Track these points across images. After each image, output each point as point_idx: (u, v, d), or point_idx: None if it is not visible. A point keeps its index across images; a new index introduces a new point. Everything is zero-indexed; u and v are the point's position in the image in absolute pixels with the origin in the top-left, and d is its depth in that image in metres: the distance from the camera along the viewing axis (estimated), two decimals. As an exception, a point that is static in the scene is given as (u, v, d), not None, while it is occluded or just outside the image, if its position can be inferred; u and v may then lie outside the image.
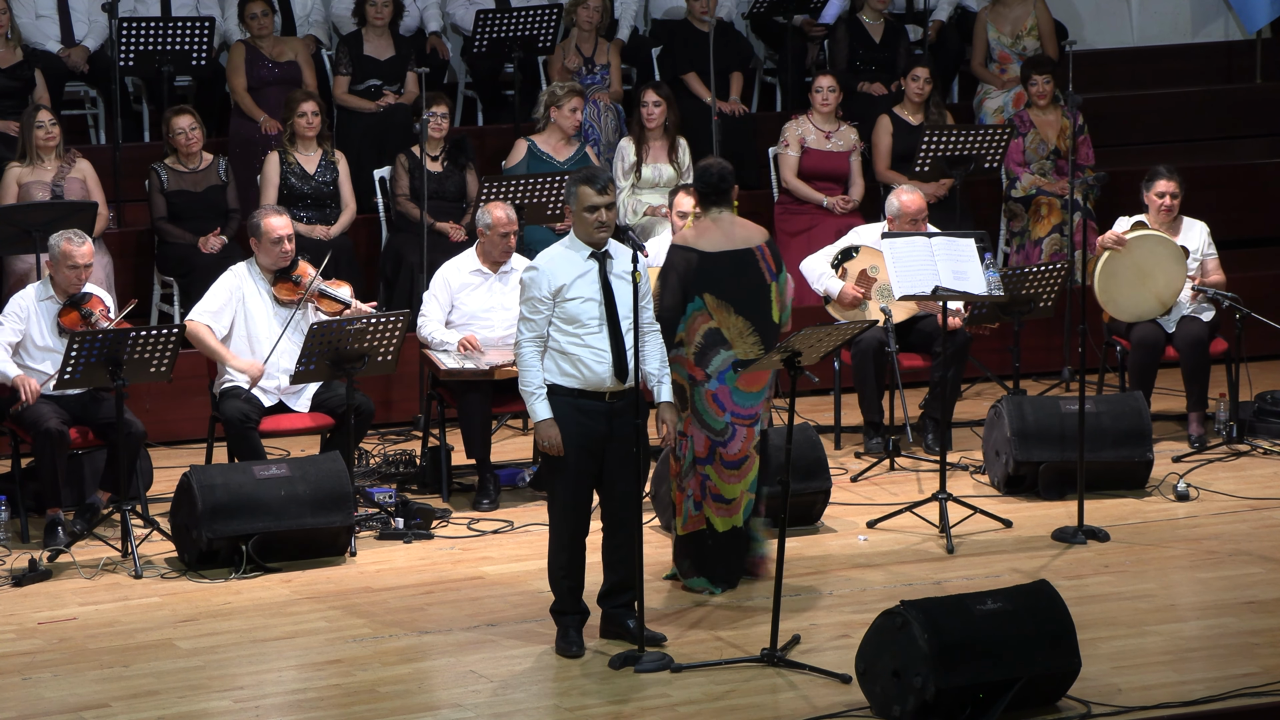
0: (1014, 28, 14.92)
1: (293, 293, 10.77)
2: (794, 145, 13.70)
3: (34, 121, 12.35)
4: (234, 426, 10.50)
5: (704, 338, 9.21)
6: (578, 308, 8.54)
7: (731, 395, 9.25)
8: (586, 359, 8.55)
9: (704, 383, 9.24)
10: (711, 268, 9.21)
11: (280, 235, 10.69)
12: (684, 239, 9.36)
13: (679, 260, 9.25)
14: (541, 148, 13.22)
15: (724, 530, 9.35)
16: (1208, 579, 9.71)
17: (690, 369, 9.23)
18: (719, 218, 9.32)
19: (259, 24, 13.66)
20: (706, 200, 9.36)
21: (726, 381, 9.24)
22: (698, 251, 9.24)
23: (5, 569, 9.96)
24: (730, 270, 9.24)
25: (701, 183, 9.37)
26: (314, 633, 9.09)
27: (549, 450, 8.57)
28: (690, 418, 9.27)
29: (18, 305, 10.50)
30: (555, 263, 8.60)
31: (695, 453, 9.29)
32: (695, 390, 9.25)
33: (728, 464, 9.29)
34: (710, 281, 9.21)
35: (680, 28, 14.68)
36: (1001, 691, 7.82)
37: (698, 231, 9.35)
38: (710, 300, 9.20)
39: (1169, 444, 11.93)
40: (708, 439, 9.27)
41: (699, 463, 9.30)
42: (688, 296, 9.20)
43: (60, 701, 8.26)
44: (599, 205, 8.55)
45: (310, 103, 12.76)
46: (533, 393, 8.58)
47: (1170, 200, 12.00)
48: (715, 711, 8.07)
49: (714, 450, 9.27)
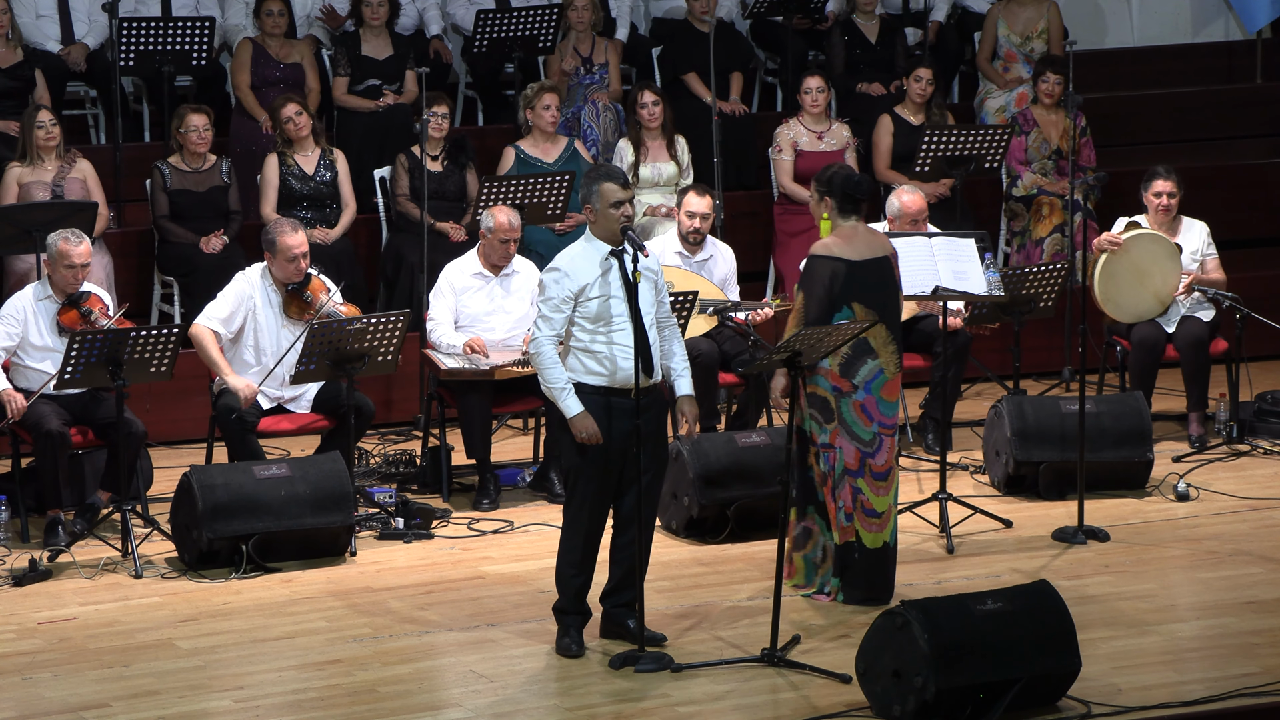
0: (1025, 28, 14.93)
1: (303, 312, 10.69)
2: (787, 149, 13.69)
3: (34, 121, 12.35)
4: (229, 427, 10.48)
5: (851, 348, 9.07)
6: (601, 306, 8.51)
7: (878, 405, 9.14)
8: (615, 356, 8.53)
9: (851, 394, 9.10)
10: (858, 276, 9.05)
11: (296, 254, 10.63)
12: (826, 248, 9.10)
13: (824, 270, 9.04)
14: (529, 151, 13.21)
15: (873, 547, 9.22)
16: (1208, 579, 9.71)
17: (835, 380, 9.08)
18: (856, 226, 9.16)
19: (273, 22, 13.66)
20: (846, 208, 9.14)
21: (873, 391, 9.12)
22: (845, 261, 9.06)
23: (5, 569, 9.96)
24: (875, 278, 9.11)
25: (847, 190, 9.14)
26: (314, 633, 9.09)
27: (588, 440, 8.49)
28: (838, 429, 9.13)
29: (13, 309, 10.49)
30: (576, 263, 8.57)
31: (846, 464, 9.14)
32: (842, 401, 9.11)
33: (876, 475, 9.17)
34: (858, 290, 9.05)
35: (680, 28, 14.69)
36: (1002, 691, 7.82)
37: (840, 240, 9.12)
38: (859, 310, 9.05)
39: (1169, 444, 11.93)
40: (858, 450, 9.14)
41: (850, 474, 9.16)
42: (835, 307, 9.04)
43: (60, 701, 8.27)
44: (623, 200, 8.55)
45: (292, 105, 12.74)
46: (561, 389, 8.52)
47: (1168, 199, 12.01)
48: (715, 711, 8.08)
49: (864, 462, 9.15)
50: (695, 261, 11.78)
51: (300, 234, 10.69)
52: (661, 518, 10.43)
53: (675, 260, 11.74)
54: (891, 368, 9.16)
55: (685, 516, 10.37)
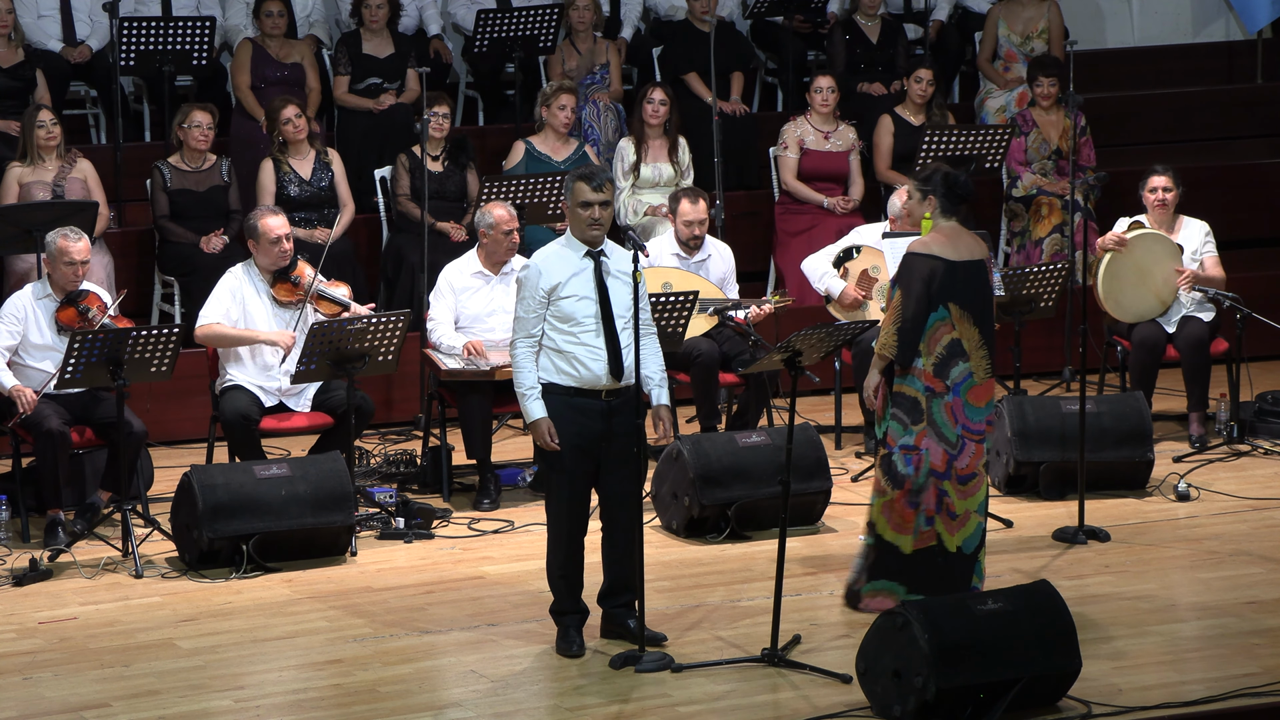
0: (1025, 28, 14.93)
1: (291, 294, 10.77)
2: (793, 147, 13.70)
3: (35, 121, 12.35)
4: (234, 426, 10.51)
5: (946, 349, 8.98)
6: (573, 306, 8.53)
7: (964, 408, 9.03)
8: (583, 357, 8.53)
9: (943, 395, 9.00)
10: (956, 276, 8.97)
11: (278, 235, 10.69)
12: (925, 246, 9.01)
13: (923, 267, 8.95)
14: (539, 148, 13.23)
15: (951, 550, 9.09)
16: (1208, 579, 9.71)
17: (929, 380, 8.97)
18: (956, 226, 9.08)
19: (273, 23, 13.67)
20: (949, 208, 9.07)
21: (961, 394, 9.01)
22: (944, 260, 8.97)
23: (6, 569, 9.96)
24: (972, 280, 9.03)
25: (951, 190, 9.05)
26: (314, 632, 9.09)
27: (545, 446, 8.55)
28: (926, 430, 9.01)
29: (14, 307, 10.50)
30: (550, 260, 8.59)
31: (932, 465, 9.02)
32: (934, 402, 9.00)
33: (961, 479, 9.05)
34: (955, 290, 8.97)
35: (680, 28, 14.69)
36: (1002, 692, 7.82)
37: (940, 238, 9.03)
38: (955, 310, 8.96)
39: (1170, 444, 11.94)
40: (945, 452, 9.02)
41: (935, 475, 9.04)
42: (931, 306, 8.95)
43: (61, 701, 8.27)
44: (593, 202, 8.54)
45: (291, 107, 12.74)
46: (525, 393, 8.56)
47: (1163, 194, 12.01)
48: (715, 711, 8.07)
49: (950, 464, 9.03)
50: (693, 262, 11.78)
51: (280, 217, 10.76)
52: (662, 518, 10.43)
53: (673, 261, 11.75)
54: (981, 372, 9.04)
55: (685, 516, 10.37)
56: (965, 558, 9.11)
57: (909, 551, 9.09)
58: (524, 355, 8.57)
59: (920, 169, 9.35)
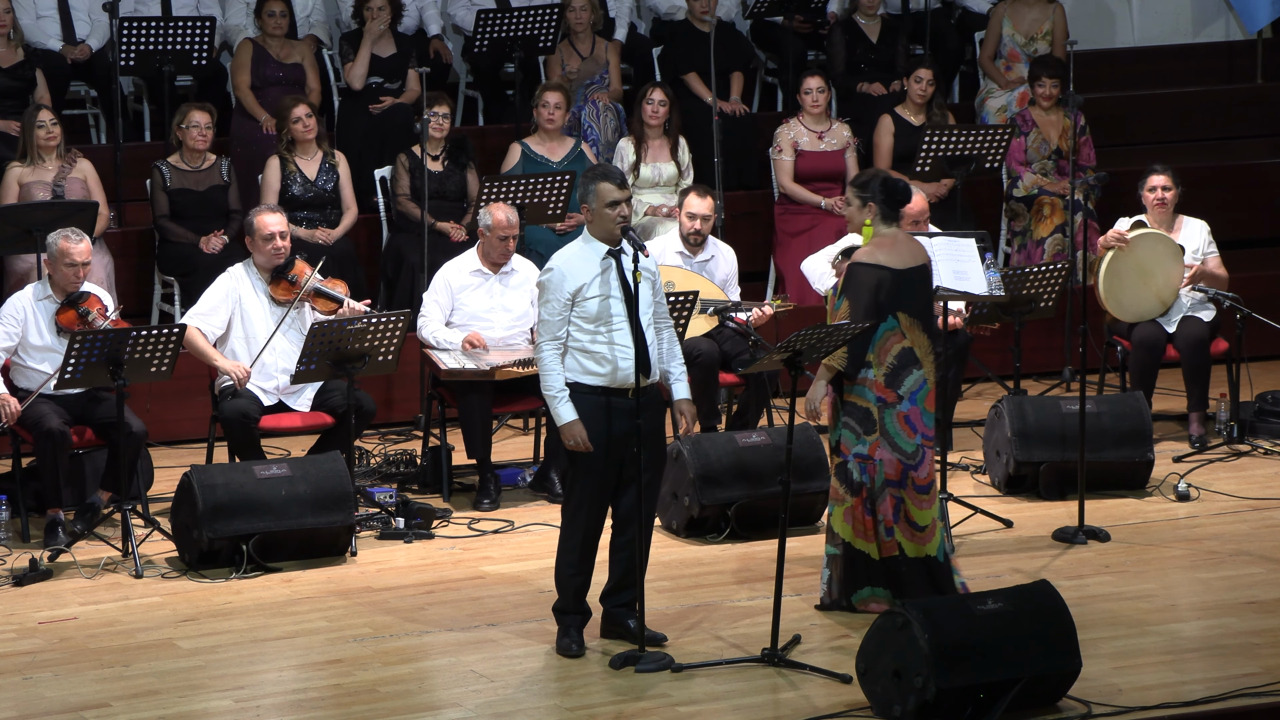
0: (1030, 28, 14.93)
1: (289, 292, 10.77)
2: (787, 149, 13.70)
3: (35, 121, 12.35)
4: (234, 426, 10.50)
5: (896, 358, 8.95)
6: (598, 306, 8.50)
7: (921, 417, 9.01)
8: (610, 356, 8.51)
9: (896, 404, 8.95)
10: (904, 285, 8.93)
11: (273, 232, 10.69)
12: (870, 255, 8.94)
13: (869, 278, 8.89)
14: (535, 149, 13.24)
15: (915, 556, 9.06)
16: (1208, 579, 9.71)
17: (880, 391, 8.94)
18: (897, 233, 9.03)
19: (275, 23, 13.66)
20: (889, 215, 8.99)
21: (917, 402, 8.98)
22: (890, 270, 8.92)
23: (6, 569, 9.96)
24: (919, 287, 9.00)
25: (890, 195, 8.98)
26: (314, 632, 9.09)
27: (577, 448, 8.50)
28: (879, 440, 8.98)
29: (12, 309, 10.49)
30: (572, 263, 8.56)
31: (886, 475, 8.99)
32: (886, 413, 8.96)
33: (919, 488, 9.03)
34: (903, 299, 8.92)
35: (680, 28, 14.69)
36: (1002, 691, 7.82)
37: (883, 247, 8.97)
38: (904, 319, 8.94)
39: (1170, 444, 11.93)
40: (899, 462, 8.98)
41: (891, 485, 9.01)
42: (880, 316, 8.90)
43: (61, 701, 8.26)
44: (619, 200, 8.53)
45: (302, 107, 12.75)
46: (555, 395, 8.51)
47: (1163, 193, 12.01)
48: (716, 711, 8.07)
49: (906, 474, 9.00)
50: (696, 262, 11.79)
51: (278, 214, 10.77)
52: (661, 518, 10.43)
53: (676, 260, 11.74)
54: (933, 378, 9.06)
55: (685, 516, 10.37)
56: (941, 565, 9.09)
57: (878, 559, 9.08)
58: (551, 358, 8.54)
59: (858, 175, 9.30)
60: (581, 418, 8.49)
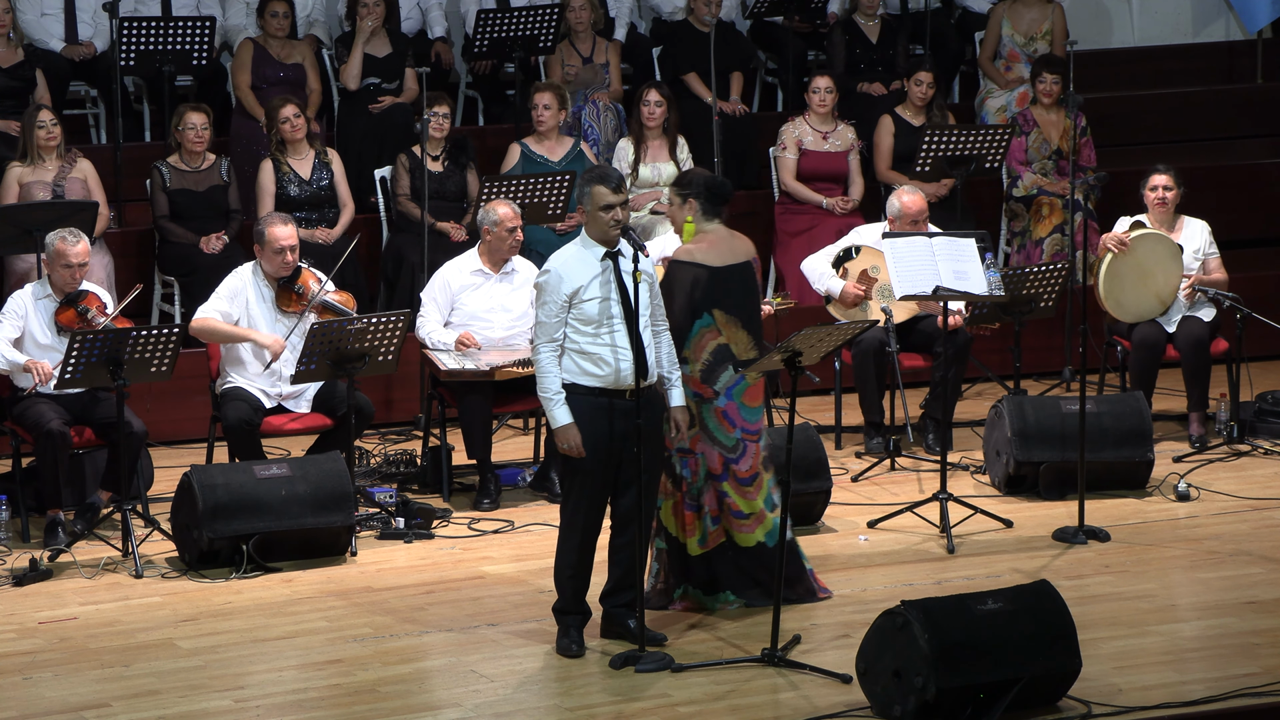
0: (1030, 28, 14.93)
1: (295, 304, 10.72)
2: (791, 148, 13.70)
3: (35, 121, 12.36)
4: (235, 429, 10.49)
5: (712, 355, 8.99)
6: (596, 308, 8.49)
7: (740, 411, 9.05)
8: (608, 357, 8.50)
9: (713, 400, 9.01)
10: (720, 283, 8.97)
11: (284, 245, 10.65)
12: (688, 254, 9.01)
13: (685, 276, 8.95)
14: (534, 149, 13.24)
15: (745, 545, 9.12)
16: (1208, 579, 9.71)
17: (697, 387, 8.99)
18: (719, 230, 9.05)
19: (278, 23, 13.66)
20: (710, 212, 9.01)
21: (734, 398, 9.03)
22: (706, 267, 8.97)
23: (6, 569, 9.96)
24: (737, 284, 9.03)
25: (711, 192, 9.01)
26: (314, 632, 9.09)
27: (570, 453, 8.51)
28: (700, 435, 9.03)
29: (16, 303, 10.50)
30: (569, 264, 8.55)
31: (709, 468, 9.05)
32: (704, 408, 9.02)
33: (742, 480, 9.07)
34: (719, 297, 8.97)
35: (680, 28, 14.70)
36: (1002, 692, 7.82)
37: (704, 245, 9.02)
38: (720, 316, 8.97)
39: (1170, 444, 11.93)
40: (720, 455, 9.04)
41: (713, 478, 9.07)
42: (695, 313, 8.96)
43: (61, 701, 8.27)
44: (614, 204, 8.52)
45: (290, 106, 12.75)
46: (551, 398, 8.51)
47: (1164, 193, 12.01)
48: (716, 711, 8.07)
49: (728, 467, 9.05)
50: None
51: (290, 227, 10.73)
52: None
53: (677, 260, 11.73)
54: (752, 374, 9.07)
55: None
56: (770, 550, 9.07)
57: (695, 554, 9.12)
58: (548, 360, 8.54)
59: (681, 174, 9.31)
60: (581, 418, 8.49)
